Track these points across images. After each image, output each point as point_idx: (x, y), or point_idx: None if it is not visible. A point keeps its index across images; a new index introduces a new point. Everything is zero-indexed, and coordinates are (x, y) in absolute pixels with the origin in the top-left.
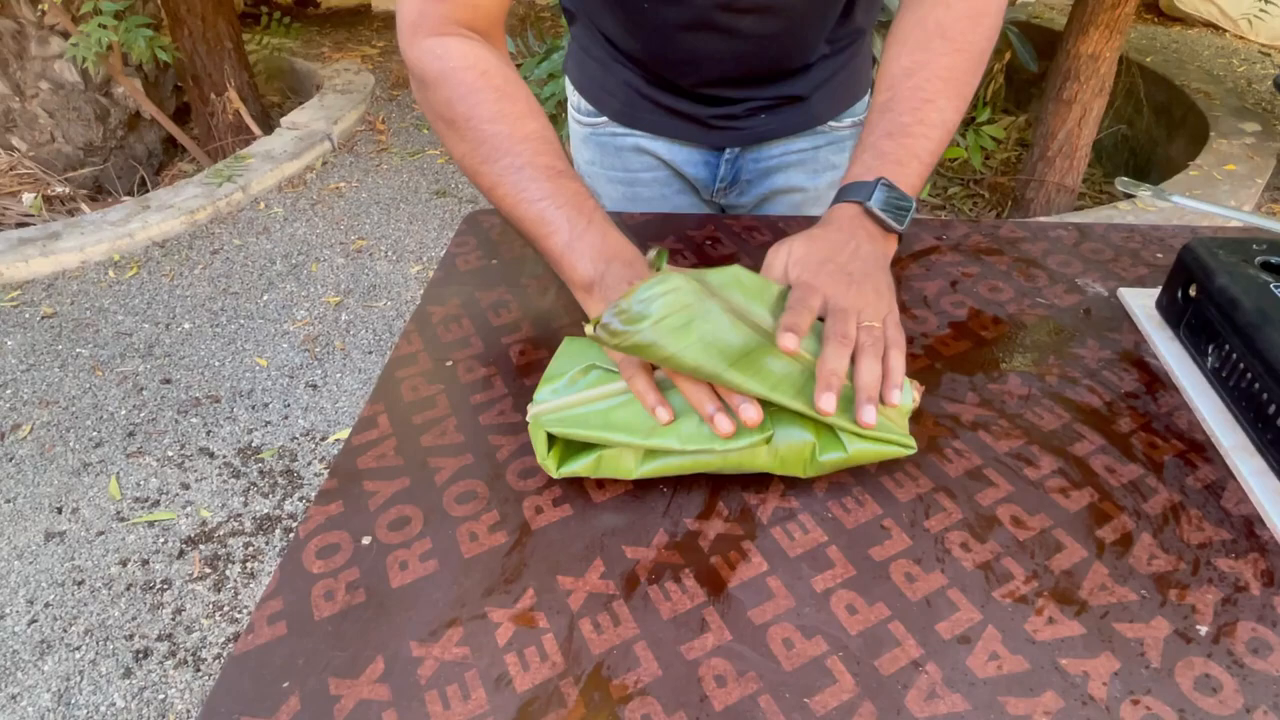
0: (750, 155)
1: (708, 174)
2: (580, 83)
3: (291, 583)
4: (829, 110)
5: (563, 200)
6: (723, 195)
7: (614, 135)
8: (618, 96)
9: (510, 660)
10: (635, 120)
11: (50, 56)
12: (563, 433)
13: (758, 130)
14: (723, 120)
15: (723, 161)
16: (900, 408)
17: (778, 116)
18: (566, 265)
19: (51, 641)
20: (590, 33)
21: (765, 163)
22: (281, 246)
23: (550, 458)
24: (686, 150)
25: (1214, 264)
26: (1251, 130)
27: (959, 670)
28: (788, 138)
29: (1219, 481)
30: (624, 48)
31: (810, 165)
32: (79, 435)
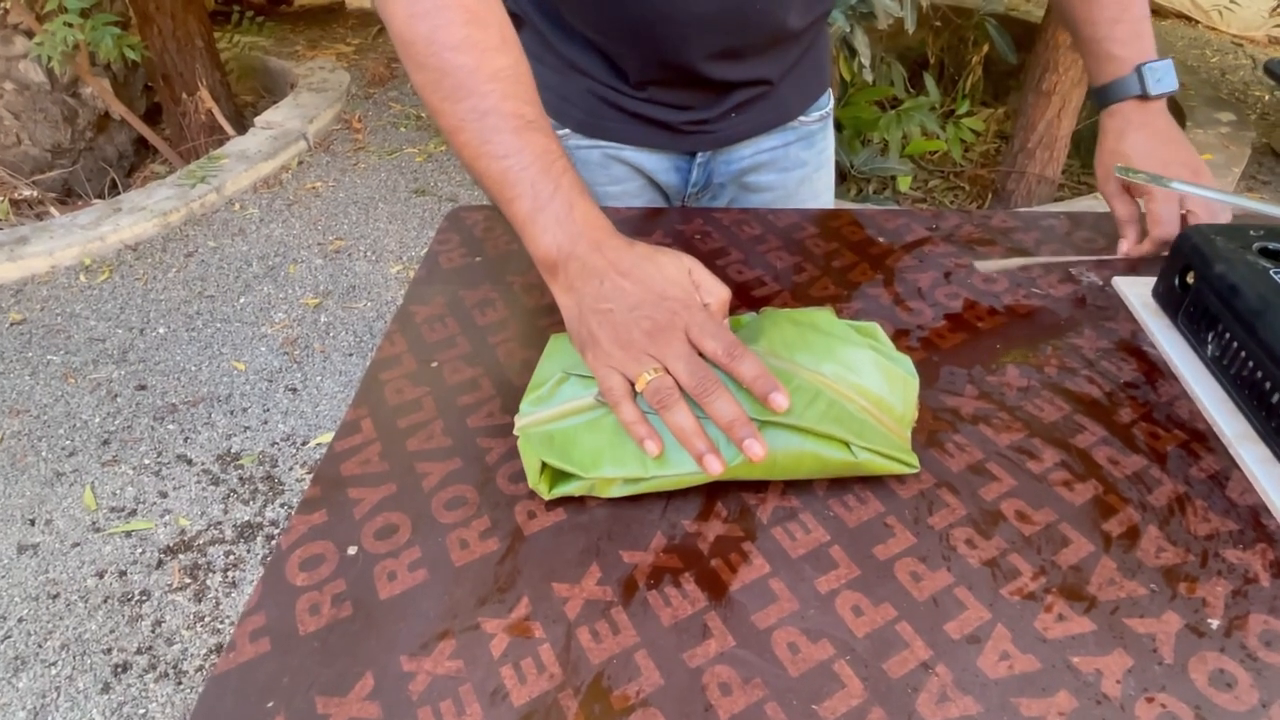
0: (721, 158)
1: (679, 179)
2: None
3: (274, 596)
4: (798, 103)
5: (529, 159)
6: (695, 200)
7: (577, 148)
8: (580, 106)
9: (506, 673)
10: (601, 130)
11: (14, 56)
12: (554, 464)
13: (729, 131)
14: (693, 125)
15: (695, 166)
16: (902, 419)
17: (747, 115)
18: (529, 237)
19: (26, 657)
20: (542, 39)
21: (737, 164)
22: (258, 248)
23: (543, 480)
24: (657, 157)
25: (1212, 251)
26: (1227, 120)
27: (970, 671)
28: (758, 136)
29: (1223, 471)
30: (589, 33)
31: (781, 163)
32: (51, 444)
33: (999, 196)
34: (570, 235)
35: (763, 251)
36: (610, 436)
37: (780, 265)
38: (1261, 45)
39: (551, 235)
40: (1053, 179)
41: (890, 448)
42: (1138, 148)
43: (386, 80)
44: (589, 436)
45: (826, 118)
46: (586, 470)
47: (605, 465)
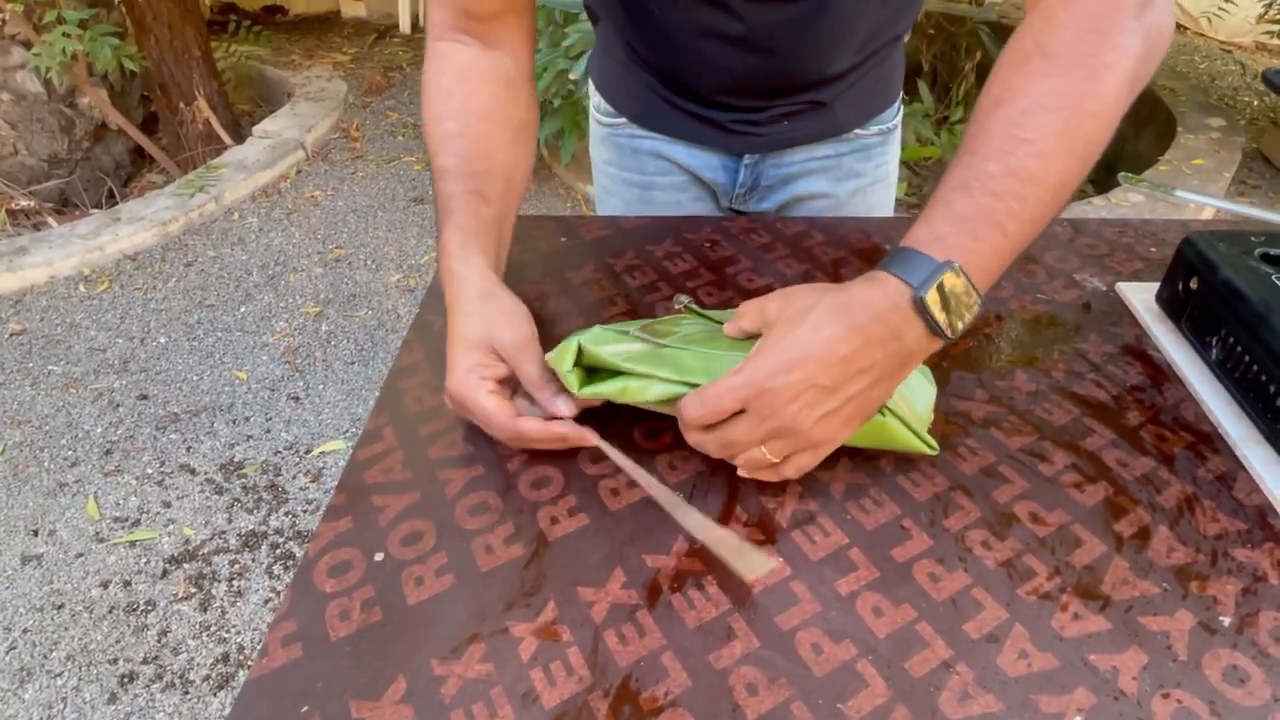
0: (771, 161)
1: (727, 179)
2: (602, 84)
3: (304, 603)
4: (854, 118)
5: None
6: (742, 201)
7: (632, 137)
8: (637, 99)
9: (536, 675)
10: (654, 124)
11: (12, 67)
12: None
13: (778, 137)
14: (742, 125)
15: (742, 167)
16: (922, 417)
17: (799, 123)
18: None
19: (31, 668)
20: (612, 35)
21: (786, 169)
22: (258, 257)
23: (573, 373)
24: (705, 155)
25: (1215, 257)
26: (1217, 125)
27: (990, 670)
28: (810, 144)
29: (1229, 472)
30: (643, 52)
31: (834, 172)
32: (54, 455)
33: None
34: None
35: (771, 260)
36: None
37: (789, 273)
38: (1249, 51)
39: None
40: None
41: (915, 422)
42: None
43: (383, 89)
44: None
45: (888, 132)
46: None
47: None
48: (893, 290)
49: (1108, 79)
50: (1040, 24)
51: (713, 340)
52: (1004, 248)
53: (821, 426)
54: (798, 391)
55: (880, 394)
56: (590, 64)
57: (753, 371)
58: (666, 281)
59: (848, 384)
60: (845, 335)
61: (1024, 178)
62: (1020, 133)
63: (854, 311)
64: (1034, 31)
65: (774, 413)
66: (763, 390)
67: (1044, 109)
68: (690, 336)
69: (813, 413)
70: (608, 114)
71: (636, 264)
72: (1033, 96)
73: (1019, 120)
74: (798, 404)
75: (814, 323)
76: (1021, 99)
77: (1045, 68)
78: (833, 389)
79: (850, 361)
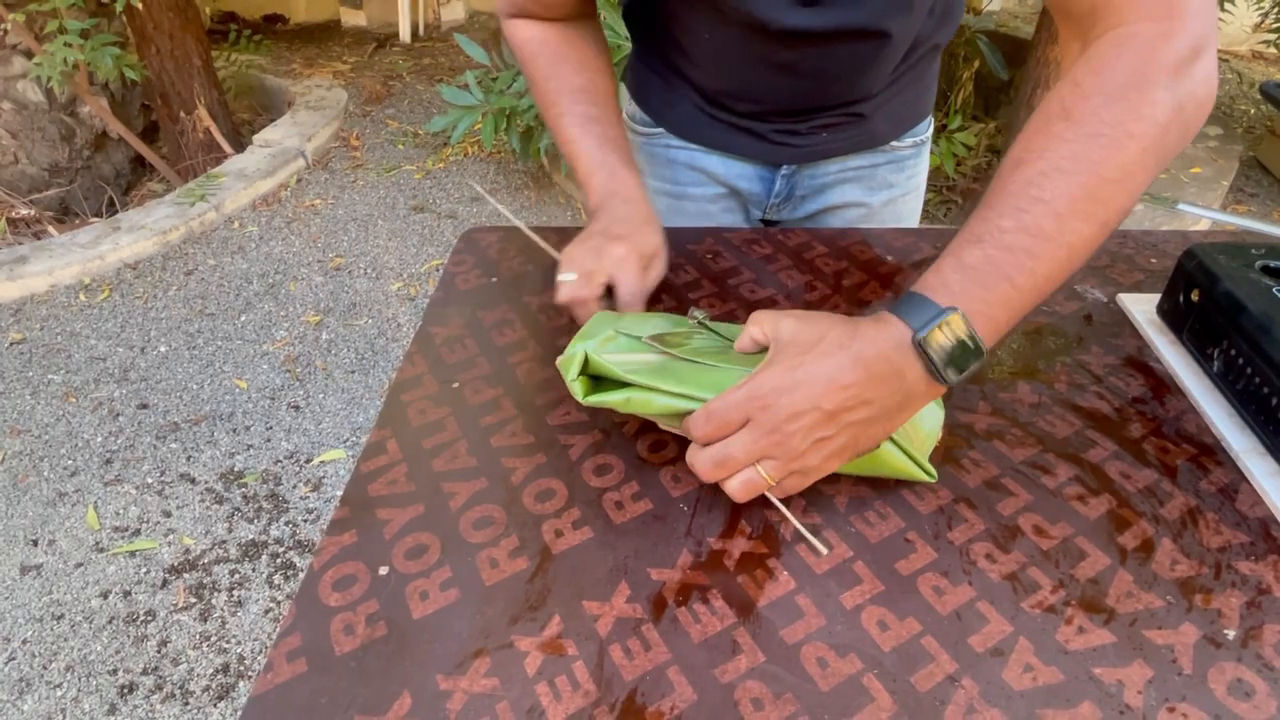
0: (807, 171)
1: (762, 189)
2: (638, 94)
3: (308, 617)
4: (891, 130)
5: (588, 144)
6: (776, 211)
7: (668, 147)
8: (676, 110)
9: (541, 690)
10: (692, 134)
11: (13, 76)
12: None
13: (817, 148)
14: (783, 136)
15: (779, 177)
16: (927, 439)
17: (838, 134)
18: (584, 194)
19: (31, 679)
20: (651, 47)
21: (821, 179)
22: (258, 266)
23: (579, 382)
24: (741, 165)
25: (1216, 269)
26: (1214, 134)
27: (995, 684)
28: (846, 155)
29: (1232, 484)
30: (683, 70)
31: (867, 182)
32: (53, 464)
33: None
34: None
35: (774, 271)
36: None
37: (791, 284)
38: (1246, 60)
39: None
40: None
41: (913, 449)
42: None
43: (383, 98)
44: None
45: (921, 144)
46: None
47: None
48: (896, 330)
49: (1131, 148)
50: (1068, 89)
51: (722, 355)
52: (1014, 301)
53: (815, 451)
54: (800, 411)
55: (877, 432)
56: (626, 74)
57: (758, 385)
58: (668, 292)
59: (847, 413)
60: (850, 366)
61: (1037, 234)
62: (1037, 192)
63: (860, 345)
64: (1061, 96)
65: (775, 428)
66: (766, 404)
67: (1061, 172)
68: (701, 350)
69: (810, 436)
70: (644, 123)
71: None
72: (1051, 159)
73: (1036, 180)
74: (797, 424)
75: (823, 349)
76: (1040, 161)
77: (1067, 131)
78: (833, 415)
79: (852, 391)
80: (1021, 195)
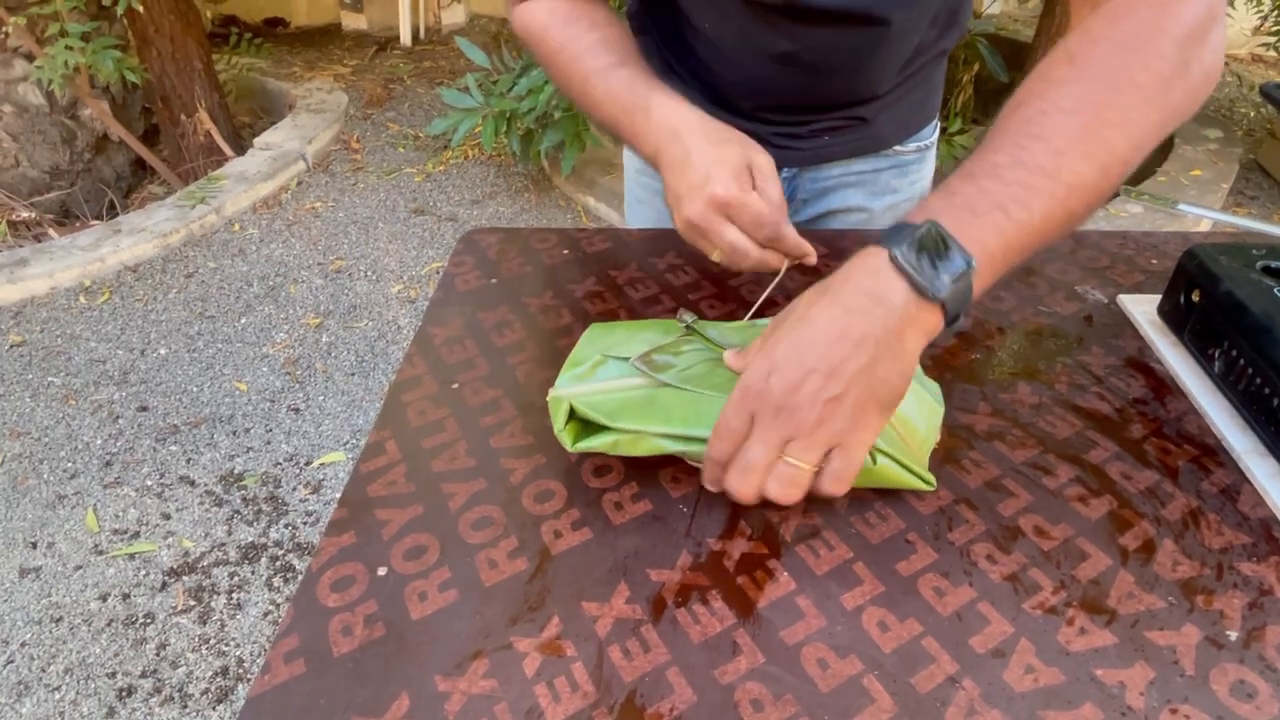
0: (808, 175)
1: None
2: None
3: (307, 618)
4: (894, 134)
5: (617, 93)
6: None
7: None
8: None
9: (540, 691)
10: None
11: (14, 79)
12: (580, 409)
13: (819, 151)
14: (783, 139)
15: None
16: (924, 442)
17: (841, 138)
18: (636, 149)
19: (29, 682)
20: (653, 45)
21: (823, 182)
22: (258, 268)
23: (566, 431)
24: None
25: (1217, 270)
26: (1214, 137)
27: (996, 685)
28: (849, 159)
29: (1234, 485)
30: (686, 66)
31: (870, 187)
32: (53, 467)
33: None
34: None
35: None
36: (642, 405)
37: (792, 285)
38: (1246, 63)
39: (645, 143)
40: None
41: (910, 460)
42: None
43: (384, 101)
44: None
45: (925, 149)
46: (614, 419)
47: (633, 420)
48: (871, 259)
49: (1133, 94)
50: (1077, 37)
51: (711, 374)
52: (1008, 230)
53: (834, 416)
54: (795, 382)
55: (886, 372)
56: None
57: (746, 379)
58: (669, 294)
59: (845, 363)
60: (827, 316)
61: (1034, 169)
62: (1035, 129)
63: (831, 291)
64: (1068, 44)
65: (779, 409)
66: (759, 391)
67: (1061, 111)
68: (689, 371)
69: (817, 400)
70: None
71: (639, 276)
72: (1052, 99)
73: (1035, 119)
74: (799, 394)
75: (792, 321)
76: (1040, 101)
77: (1070, 74)
78: (832, 372)
79: (840, 340)
80: (1019, 133)
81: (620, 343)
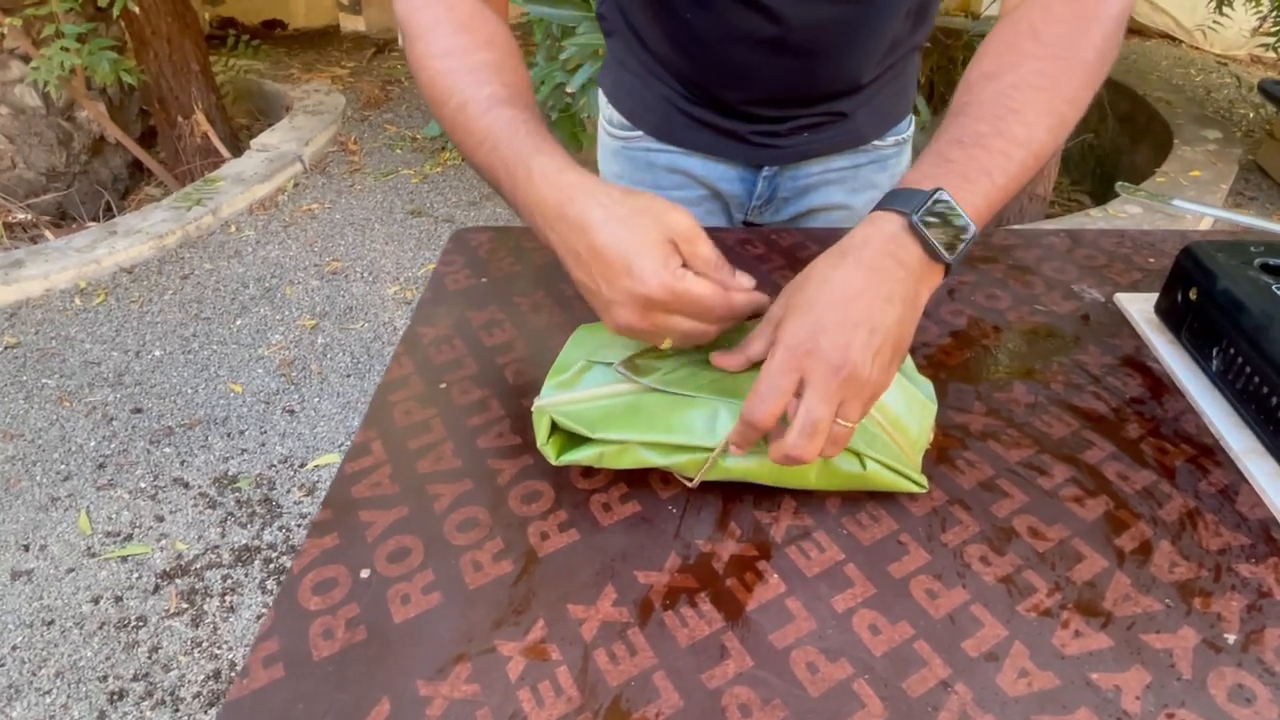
0: (789, 173)
1: (744, 191)
2: (615, 97)
3: (287, 621)
4: (873, 129)
5: (497, 137)
6: (758, 214)
7: (648, 151)
8: (655, 111)
9: (524, 696)
10: (673, 136)
11: (10, 81)
12: (564, 423)
13: (799, 148)
14: (764, 137)
15: (760, 179)
16: (916, 442)
17: (820, 134)
18: (516, 211)
19: (20, 685)
20: (629, 46)
21: (804, 180)
22: (254, 270)
23: (550, 444)
24: (723, 167)
25: (1214, 267)
26: (1213, 137)
27: (989, 689)
28: (828, 155)
29: (1232, 485)
30: (667, 62)
31: (850, 183)
32: (46, 468)
33: None
34: (540, 207)
35: (768, 271)
36: (626, 413)
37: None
38: (1244, 64)
39: (527, 213)
40: (1044, 195)
41: (900, 464)
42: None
43: (381, 103)
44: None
45: (903, 143)
46: (596, 430)
47: (617, 430)
48: (888, 223)
49: (1082, 73)
50: (1038, 12)
51: (695, 377)
52: (992, 195)
53: (878, 366)
54: (846, 340)
55: (908, 326)
56: (602, 76)
57: (791, 340)
58: None
59: (884, 318)
60: (852, 274)
61: (1011, 139)
62: (1009, 103)
63: (852, 253)
64: (1031, 18)
65: (838, 367)
66: (810, 350)
67: (1031, 87)
68: (673, 375)
69: (867, 355)
70: (622, 127)
71: None
72: (1022, 74)
73: (1008, 93)
74: (852, 351)
75: (819, 280)
76: (1011, 74)
77: (1036, 50)
78: (874, 328)
79: (875, 297)
80: (996, 104)
81: (605, 345)
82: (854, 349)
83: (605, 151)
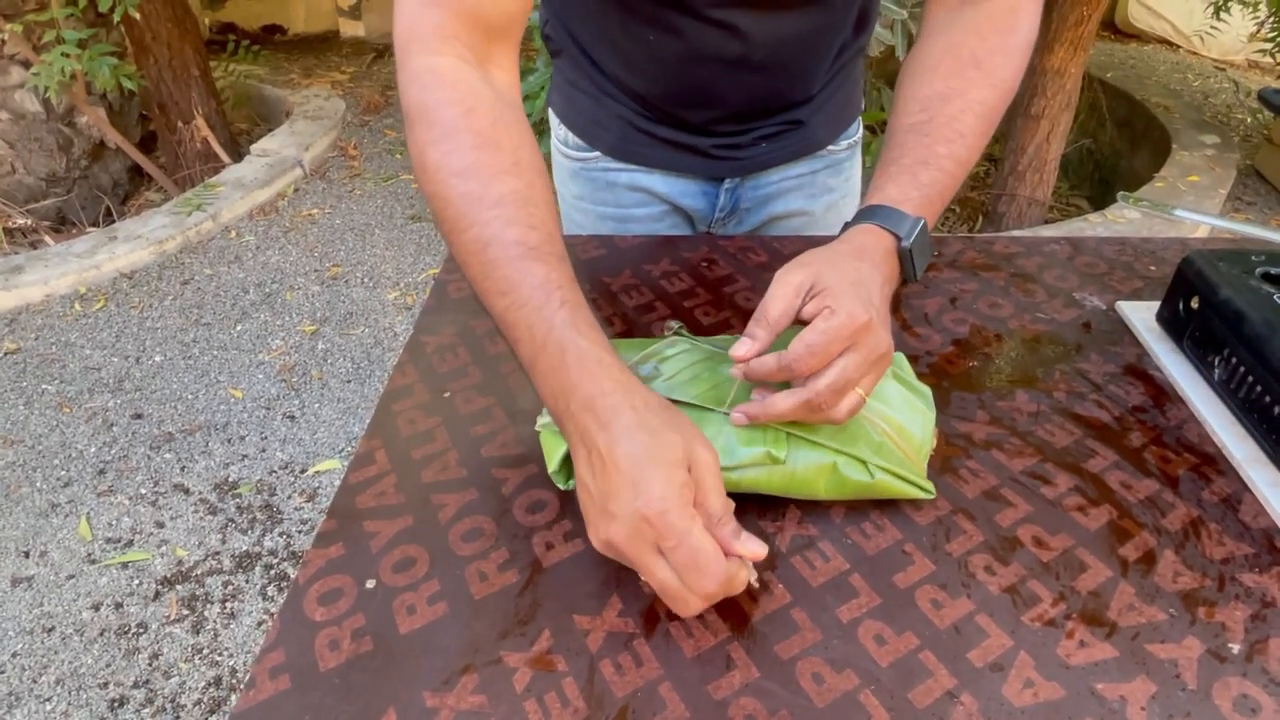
0: (749, 183)
1: (706, 205)
2: (568, 117)
3: (293, 632)
4: (828, 134)
5: (525, 294)
6: (721, 225)
7: (606, 170)
8: (612, 131)
9: (530, 707)
10: (631, 155)
11: (10, 86)
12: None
13: (759, 159)
14: (724, 150)
15: (722, 191)
16: (920, 448)
17: (778, 144)
18: (533, 383)
19: (20, 693)
20: (579, 66)
21: (764, 189)
22: (254, 275)
23: (560, 472)
24: (684, 182)
25: (1216, 276)
26: (1211, 142)
27: (995, 700)
28: (787, 164)
29: (1235, 494)
30: (622, 82)
31: (808, 189)
32: (46, 475)
33: (990, 219)
34: (564, 389)
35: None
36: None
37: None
38: (1242, 69)
39: (547, 387)
40: (1043, 201)
41: (907, 471)
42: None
43: (381, 108)
44: None
45: (855, 145)
46: None
47: None
48: (886, 240)
49: (1007, 97)
50: (976, 40)
51: (696, 383)
52: (938, 209)
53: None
54: (882, 319)
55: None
56: (551, 97)
57: (853, 314)
58: (663, 301)
59: (884, 308)
60: (875, 274)
61: (960, 162)
62: (959, 127)
63: (869, 253)
64: (972, 46)
65: (875, 347)
66: (865, 324)
67: (974, 114)
68: (674, 380)
69: (888, 335)
70: (578, 148)
71: (633, 284)
72: (968, 101)
73: (958, 117)
74: (884, 330)
75: (848, 264)
76: (960, 100)
77: (979, 79)
78: (883, 317)
79: (882, 289)
80: (949, 128)
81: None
82: (885, 330)
83: (562, 173)
